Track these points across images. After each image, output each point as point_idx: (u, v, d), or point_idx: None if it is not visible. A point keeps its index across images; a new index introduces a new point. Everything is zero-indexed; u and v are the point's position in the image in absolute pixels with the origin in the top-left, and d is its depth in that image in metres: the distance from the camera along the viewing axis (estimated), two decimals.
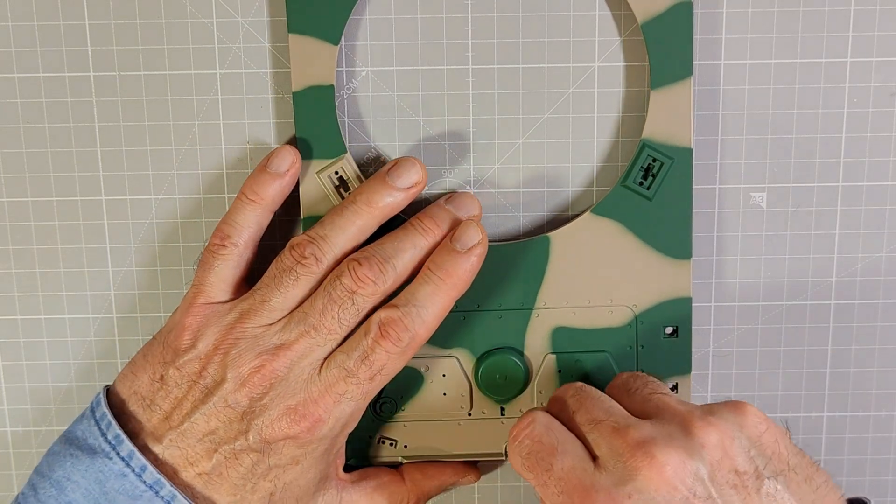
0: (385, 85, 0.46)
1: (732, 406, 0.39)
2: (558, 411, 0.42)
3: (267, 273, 0.44)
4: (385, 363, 0.42)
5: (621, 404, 0.41)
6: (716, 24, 0.45)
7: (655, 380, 0.43)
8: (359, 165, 0.46)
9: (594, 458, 0.39)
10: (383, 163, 0.47)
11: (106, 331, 0.49)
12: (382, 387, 0.43)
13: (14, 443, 0.50)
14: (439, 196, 0.46)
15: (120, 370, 0.49)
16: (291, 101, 0.45)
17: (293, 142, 0.45)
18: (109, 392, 0.44)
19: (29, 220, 0.47)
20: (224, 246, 0.44)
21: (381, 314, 0.42)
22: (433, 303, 0.43)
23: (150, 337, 0.49)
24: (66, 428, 0.49)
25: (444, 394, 0.47)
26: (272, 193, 0.44)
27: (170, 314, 0.48)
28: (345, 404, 0.42)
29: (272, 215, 0.45)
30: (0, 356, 0.49)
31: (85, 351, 0.49)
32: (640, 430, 0.39)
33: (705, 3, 0.45)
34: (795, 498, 0.37)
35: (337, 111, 0.46)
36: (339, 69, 0.46)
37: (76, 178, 0.47)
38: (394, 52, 0.46)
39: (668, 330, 0.47)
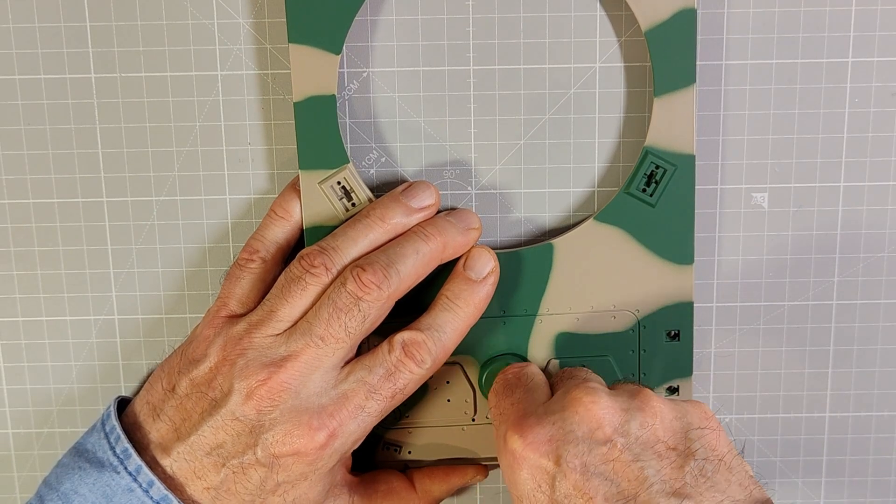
0: (386, 86, 0.46)
1: (691, 401, 0.41)
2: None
3: (276, 284, 0.43)
4: (407, 383, 0.43)
5: None
6: (717, 24, 0.45)
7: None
8: (360, 167, 0.47)
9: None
10: (384, 163, 0.47)
11: (107, 332, 0.49)
12: (397, 409, 0.44)
13: (16, 445, 0.50)
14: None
15: (121, 371, 0.49)
16: (292, 103, 0.45)
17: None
18: (127, 404, 0.45)
19: (30, 221, 0.47)
20: (252, 260, 0.45)
21: (405, 335, 0.43)
22: (453, 329, 0.44)
23: (152, 339, 0.49)
24: (67, 430, 0.49)
25: (448, 400, 0.47)
26: (301, 210, 0.45)
27: (170, 315, 0.48)
28: (361, 419, 0.42)
29: (301, 232, 0.45)
30: (2, 358, 0.49)
31: (87, 353, 0.49)
32: (596, 382, 0.41)
33: (707, 3, 0.45)
34: (718, 491, 0.37)
35: (339, 112, 0.46)
36: (340, 70, 0.46)
37: (77, 179, 0.47)
38: (395, 52, 0.46)
39: (670, 334, 0.47)
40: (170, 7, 0.45)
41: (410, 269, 0.43)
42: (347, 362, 0.43)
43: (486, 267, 0.45)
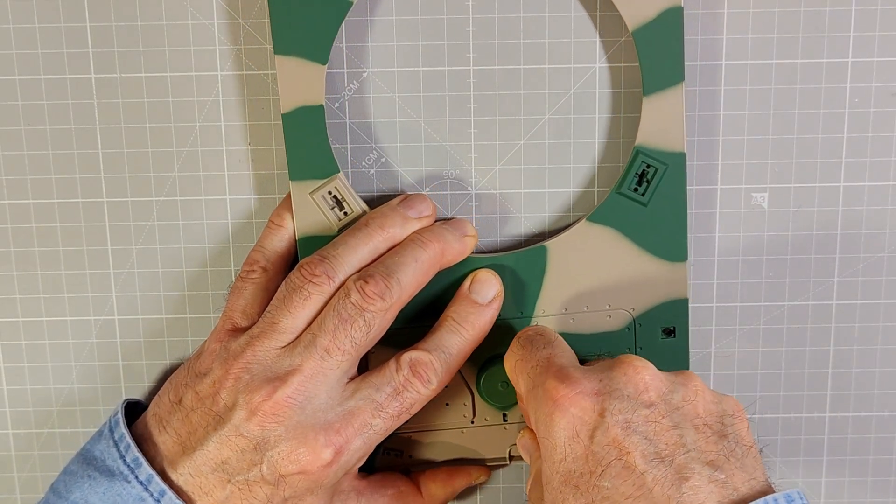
0: (386, 86, 0.46)
1: (726, 394, 0.42)
2: None
3: (277, 294, 0.43)
4: (414, 402, 0.43)
5: None
6: (717, 24, 0.45)
7: None
8: (360, 167, 0.47)
9: None
10: (384, 164, 0.47)
11: (107, 333, 0.49)
12: (398, 426, 0.44)
13: (16, 445, 0.50)
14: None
15: (121, 372, 0.49)
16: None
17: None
18: (132, 408, 0.45)
19: (30, 222, 0.47)
20: (253, 271, 0.45)
21: (412, 354, 0.43)
22: (459, 350, 0.44)
23: (152, 339, 0.49)
24: (67, 430, 0.49)
25: (447, 404, 0.47)
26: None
27: (170, 316, 0.48)
28: (367, 436, 0.42)
29: None
30: (2, 358, 0.49)
31: (87, 353, 0.49)
32: None
33: (706, 3, 0.45)
34: (746, 472, 0.38)
35: (338, 112, 0.46)
36: (340, 70, 0.46)
37: (77, 180, 0.47)
38: (394, 53, 0.46)
39: (666, 330, 0.47)
40: (170, 7, 0.45)
41: (411, 278, 0.43)
42: (352, 379, 0.43)
43: (491, 291, 0.45)
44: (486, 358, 0.47)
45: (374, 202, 0.47)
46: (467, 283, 0.45)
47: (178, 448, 0.42)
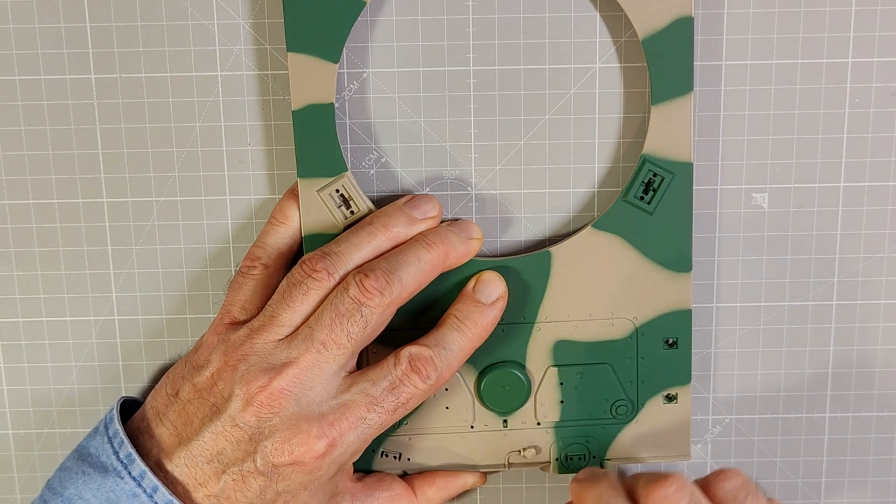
0: (386, 86, 0.46)
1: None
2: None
3: (278, 289, 0.43)
4: (410, 398, 0.43)
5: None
6: (717, 24, 0.46)
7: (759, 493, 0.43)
8: (360, 168, 0.47)
9: None
10: (384, 164, 0.47)
11: (108, 333, 0.49)
12: (396, 422, 0.44)
13: (16, 445, 0.50)
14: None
15: (121, 372, 0.49)
16: (291, 106, 0.45)
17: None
18: (129, 405, 0.45)
19: (30, 222, 0.47)
20: (254, 267, 0.45)
21: (413, 349, 0.43)
22: (460, 349, 0.44)
23: (152, 339, 0.49)
24: (67, 431, 0.49)
25: (447, 407, 0.47)
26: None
27: (170, 316, 0.48)
28: (361, 430, 0.42)
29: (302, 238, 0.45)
30: (2, 358, 0.49)
31: (87, 353, 0.49)
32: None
33: (706, 4, 0.45)
34: None
35: (339, 112, 0.46)
36: (341, 71, 0.46)
37: (77, 180, 0.47)
38: (395, 53, 0.46)
39: (669, 341, 0.47)
40: (170, 8, 0.45)
41: (412, 277, 0.43)
42: (350, 373, 0.43)
43: (495, 291, 0.45)
44: (487, 363, 0.47)
45: (375, 202, 0.47)
46: (472, 283, 0.45)
47: (175, 439, 0.42)
